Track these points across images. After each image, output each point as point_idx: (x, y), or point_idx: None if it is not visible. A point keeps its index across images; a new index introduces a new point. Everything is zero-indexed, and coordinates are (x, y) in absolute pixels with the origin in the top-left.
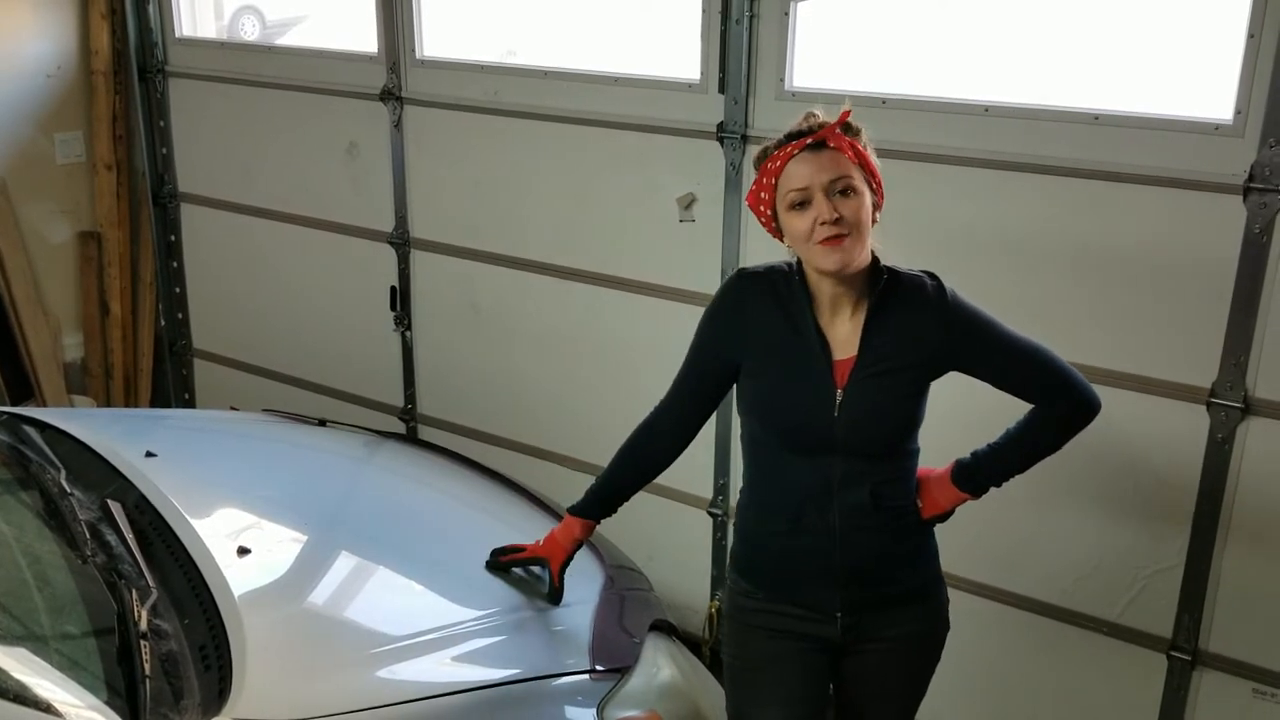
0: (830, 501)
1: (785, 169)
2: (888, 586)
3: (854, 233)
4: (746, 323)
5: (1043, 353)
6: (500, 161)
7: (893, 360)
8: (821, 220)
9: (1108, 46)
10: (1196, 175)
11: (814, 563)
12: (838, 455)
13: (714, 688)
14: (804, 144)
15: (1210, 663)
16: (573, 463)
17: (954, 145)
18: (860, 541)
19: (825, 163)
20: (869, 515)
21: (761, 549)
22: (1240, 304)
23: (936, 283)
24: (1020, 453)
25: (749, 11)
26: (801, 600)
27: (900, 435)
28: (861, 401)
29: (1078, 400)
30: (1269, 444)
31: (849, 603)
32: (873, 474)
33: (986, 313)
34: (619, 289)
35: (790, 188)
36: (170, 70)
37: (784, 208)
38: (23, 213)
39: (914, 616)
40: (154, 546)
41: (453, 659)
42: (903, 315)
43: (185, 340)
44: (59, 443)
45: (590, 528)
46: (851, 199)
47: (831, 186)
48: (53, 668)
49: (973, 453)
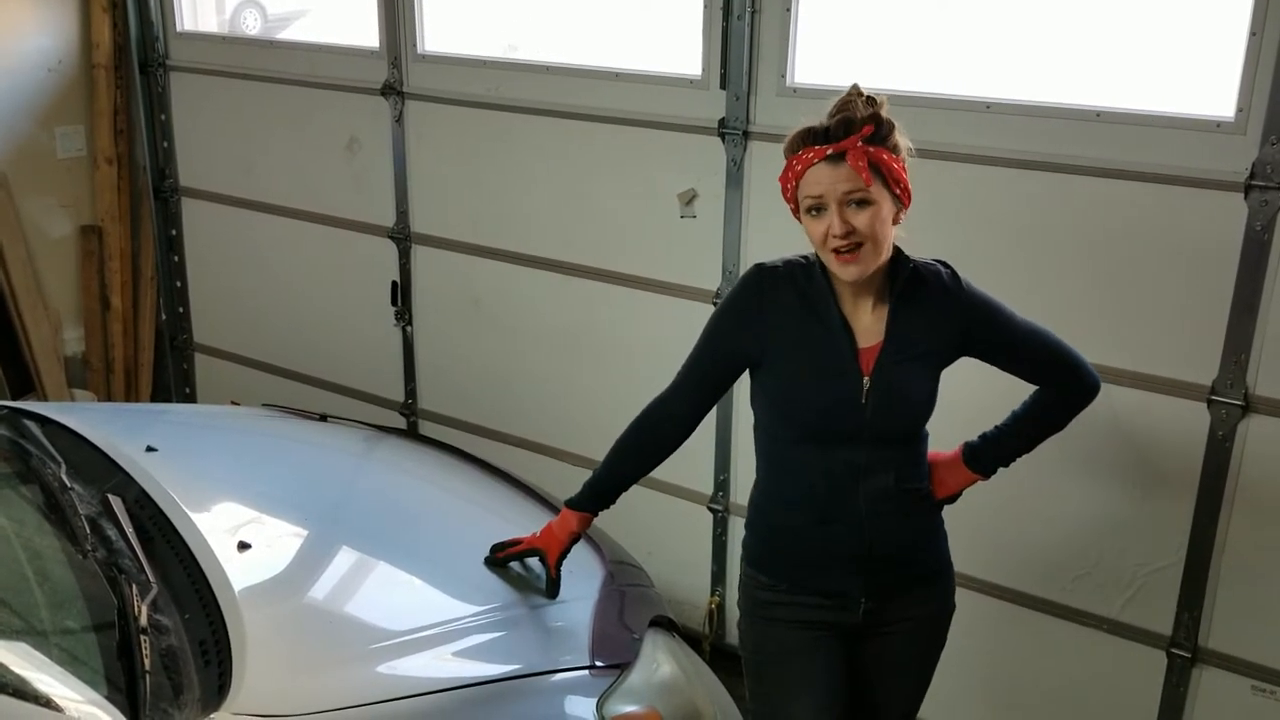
0: (856, 488)
1: (804, 174)
2: (909, 568)
3: (868, 243)
4: (768, 319)
5: (1048, 336)
6: (501, 157)
7: (916, 346)
8: (833, 233)
9: (1110, 43)
10: (1198, 172)
11: (841, 551)
12: (864, 443)
13: (714, 684)
14: (824, 154)
15: (1210, 660)
16: (572, 458)
17: (956, 142)
18: (884, 525)
19: (842, 175)
20: (891, 499)
21: (784, 542)
22: (1241, 301)
23: (951, 271)
24: (1027, 433)
25: (750, 7)
26: (825, 589)
27: (922, 419)
28: (888, 387)
29: (1081, 382)
30: (1269, 442)
31: (872, 588)
32: (896, 459)
33: (997, 299)
34: (620, 284)
35: (807, 194)
36: (171, 64)
37: (802, 209)
38: (23, 207)
39: (930, 597)
40: (154, 541)
41: (452, 654)
42: (923, 303)
43: (186, 335)
44: (59, 437)
45: (587, 521)
46: (866, 210)
47: (846, 198)
48: (53, 662)
49: (981, 435)
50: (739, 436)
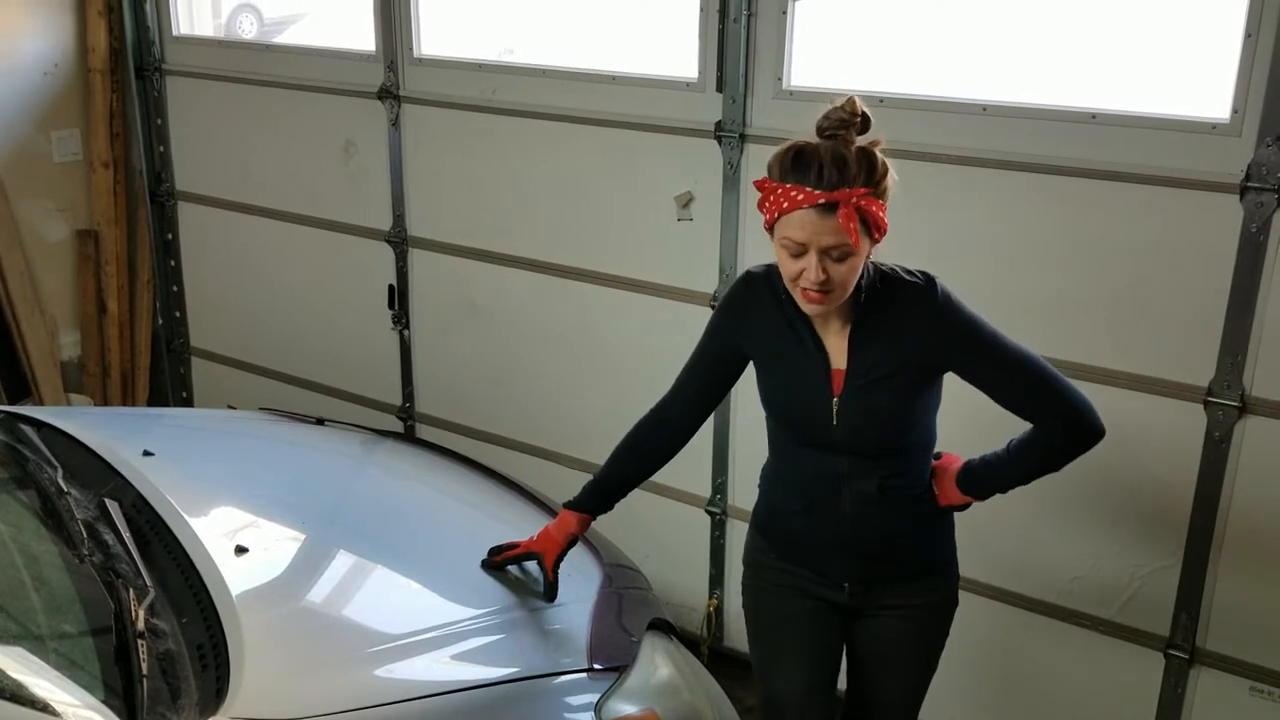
0: (840, 489)
1: (790, 215)
2: (897, 566)
3: (837, 289)
4: (753, 325)
5: (1038, 371)
6: (498, 160)
7: (883, 367)
8: (807, 279)
9: (1106, 46)
10: (1193, 174)
11: (827, 540)
12: (842, 454)
13: (712, 686)
14: (816, 201)
15: (1207, 661)
16: (570, 461)
17: (952, 144)
18: (871, 525)
19: (830, 228)
20: (875, 502)
21: (780, 521)
22: (1237, 303)
23: (931, 285)
24: (1021, 469)
25: (747, 10)
26: (813, 566)
27: (901, 435)
28: (857, 409)
29: (1074, 430)
30: (1266, 443)
31: (856, 574)
32: (879, 469)
33: (983, 320)
34: (617, 287)
35: (788, 235)
36: (167, 68)
37: (778, 240)
38: (20, 211)
39: (923, 589)
40: (151, 545)
41: (450, 658)
42: (893, 320)
43: (183, 339)
44: (56, 441)
45: (586, 523)
46: (845, 263)
47: (828, 251)
48: (50, 667)
49: (982, 458)
50: (737, 440)
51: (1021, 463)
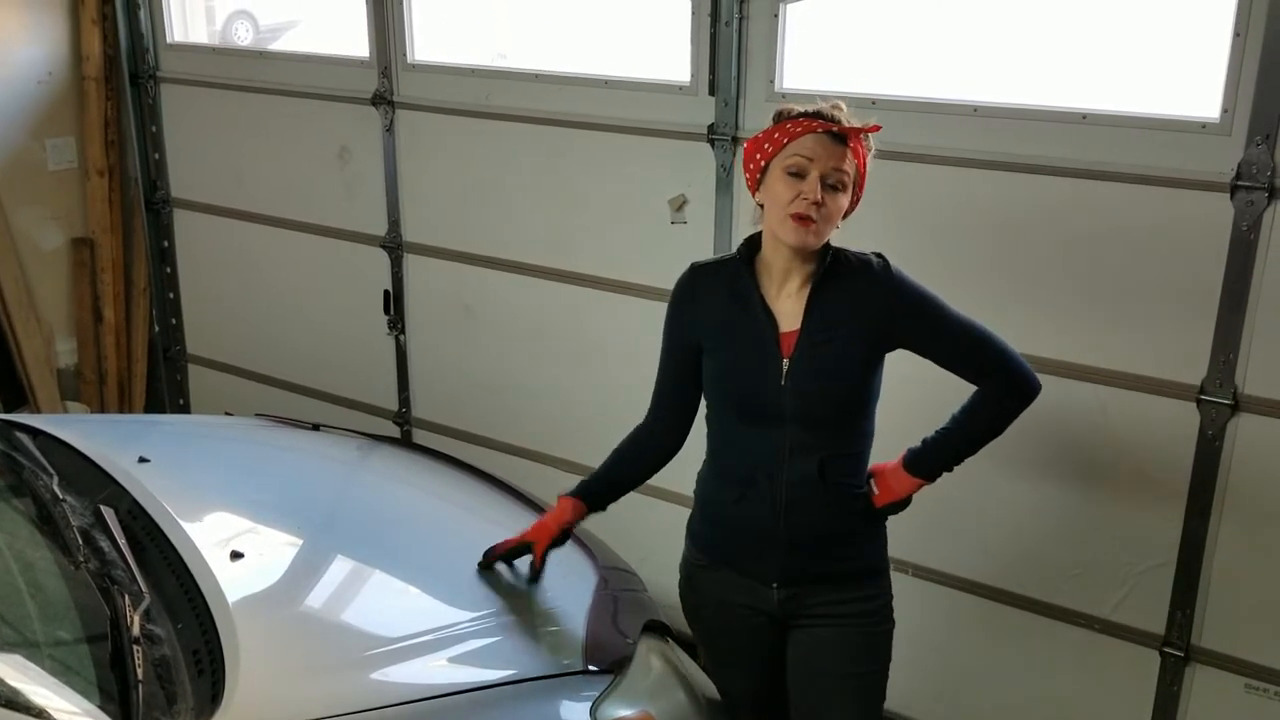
0: (780, 470)
1: (802, 137)
2: (825, 564)
3: (823, 222)
4: (699, 308)
5: (980, 331)
6: (492, 164)
7: (836, 329)
8: (805, 197)
9: (1095, 46)
10: (1184, 174)
11: (756, 533)
12: (788, 424)
13: (707, 687)
14: (830, 128)
15: (1203, 659)
16: (565, 464)
17: (943, 145)
18: (803, 514)
19: (839, 153)
20: (814, 488)
21: (711, 517)
22: (1229, 301)
23: (883, 261)
24: (965, 436)
25: (739, 13)
26: (741, 567)
27: (848, 404)
28: (807, 368)
29: (1012, 380)
30: (1259, 440)
31: (786, 575)
32: (822, 446)
33: (931, 291)
34: (611, 291)
35: (797, 153)
36: (162, 76)
37: (779, 168)
38: (15, 219)
39: (852, 598)
40: (147, 552)
41: (447, 660)
42: (848, 289)
43: (179, 346)
44: (52, 449)
45: (581, 511)
46: (837, 195)
47: (829, 175)
48: (46, 673)
49: (923, 439)
50: None
51: (969, 426)
